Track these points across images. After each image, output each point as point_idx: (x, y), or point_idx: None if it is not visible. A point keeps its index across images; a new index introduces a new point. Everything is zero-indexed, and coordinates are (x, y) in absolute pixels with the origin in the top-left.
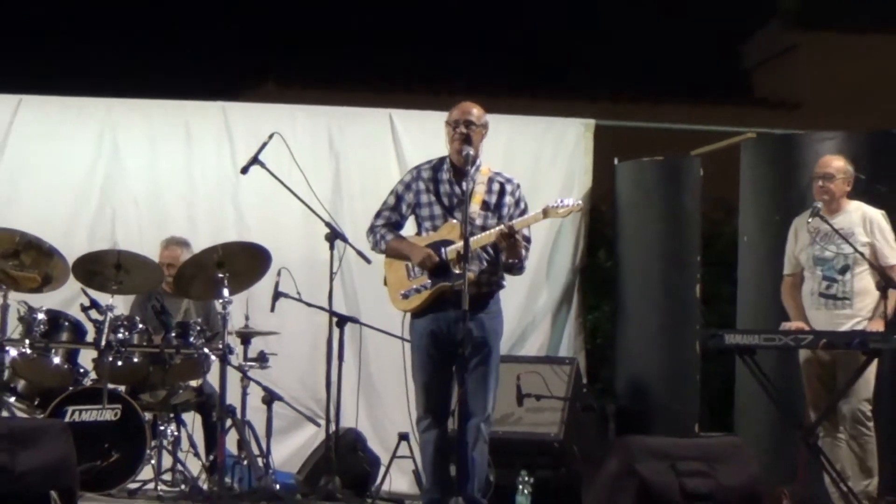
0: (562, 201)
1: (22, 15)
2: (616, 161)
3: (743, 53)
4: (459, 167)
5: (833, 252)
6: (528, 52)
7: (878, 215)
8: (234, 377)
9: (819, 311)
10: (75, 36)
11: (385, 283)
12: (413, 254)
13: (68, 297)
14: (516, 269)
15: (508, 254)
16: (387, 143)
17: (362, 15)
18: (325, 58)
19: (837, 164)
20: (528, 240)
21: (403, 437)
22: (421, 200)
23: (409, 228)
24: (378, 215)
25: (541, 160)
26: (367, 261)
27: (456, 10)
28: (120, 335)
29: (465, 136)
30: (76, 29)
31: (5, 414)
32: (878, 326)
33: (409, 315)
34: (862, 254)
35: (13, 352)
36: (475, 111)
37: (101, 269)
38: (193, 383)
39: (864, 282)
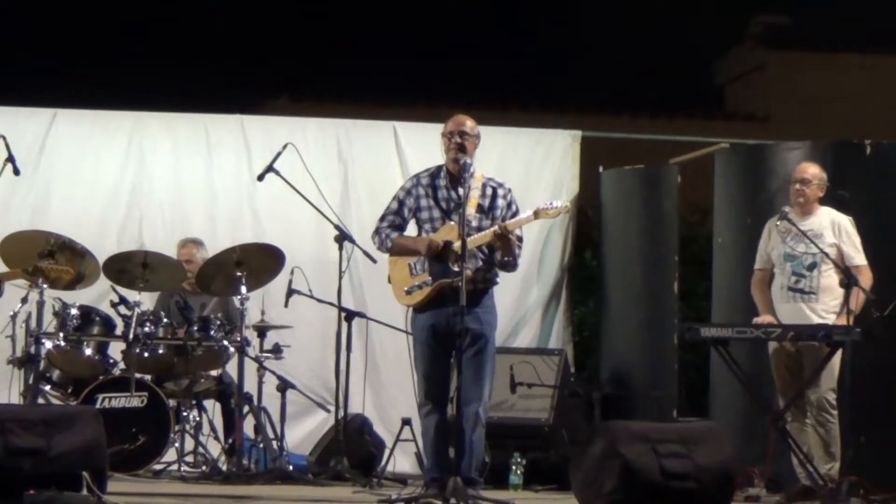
0: (551, 203)
1: (57, 37)
2: (601, 169)
3: (715, 71)
4: (455, 174)
5: (802, 250)
6: (520, 69)
7: (845, 220)
8: (251, 367)
9: (788, 304)
10: (106, 55)
11: (389, 281)
12: (418, 245)
13: (99, 293)
14: (511, 266)
15: (503, 252)
16: (391, 153)
17: (369, 35)
18: (334, 74)
19: (813, 170)
20: (520, 239)
21: (406, 421)
22: (421, 205)
23: (410, 232)
24: (382, 219)
25: (532, 168)
26: (373, 260)
27: (454, 33)
28: (146, 329)
29: (461, 146)
30: (106, 49)
31: (41, 401)
32: (842, 322)
33: (411, 310)
34: (827, 254)
35: (49, 344)
36: (468, 123)
37: (129, 268)
38: (214, 373)
39: (829, 279)
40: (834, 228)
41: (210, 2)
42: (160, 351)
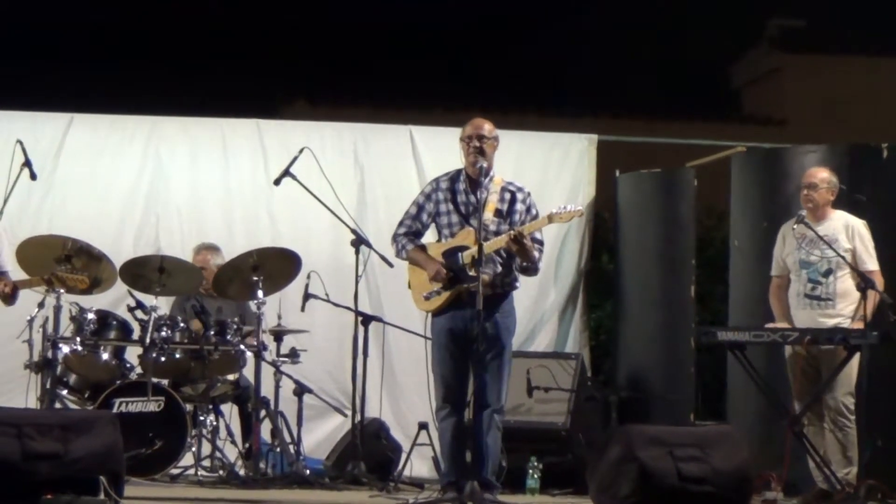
0: (564, 207)
1: (75, 42)
2: (617, 173)
3: (732, 75)
4: (474, 178)
5: (818, 256)
6: (537, 73)
7: (859, 224)
8: (267, 371)
9: (804, 311)
10: (122, 59)
11: (409, 287)
12: (427, 267)
13: (116, 298)
14: (531, 270)
15: (521, 257)
16: (407, 157)
17: (385, 40)
18: (351, 79)
19: (822, 174)
20: (540, 242)
21: (423, 426)
22: (440, 210)
23: (430, 235)
24: (401, 224)
25: (548, 172)
26: (390, 264)
27: (470, 36)
28: (163, 333)
29: (479, 150)
30: (123, 53)
31: (58, 405)
32: (859, 325)
33: (430, 314)
34: (844, 258)
35: (66, 348)
36: (486, 126)
37: (145, 272)
38: (231, 377)
39: (845, 284)
40: (848, 232)
41: (227, 6)
42: (177, 355)
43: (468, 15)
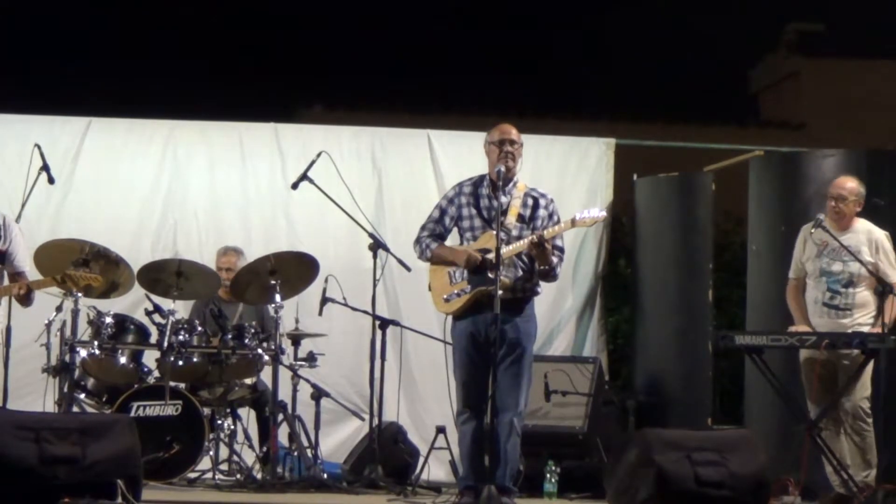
0: (588, 212)
1: (92, 46)
2: (635, 177)
3: (750, 79)
4: (498, 183)
5: (840, 267)
6: (554, 77)
7: (882, 237)
8: (285, 375)
9: (822, 319)
10: (140, 64)
11: (430, 289)
12: (456, 257)
13: (134, 302)
14: (549, 276)
15: (539, 260)
16: (425, 161)
17: (403, 44)
18: (368, 83)
19: (851, 185)
20: (560, 249)
21: (440, 429)
22: (462, 213)
23: (452, 240)
24: (423, 228)
25: (566, 176)
26: (408, 269)
27: (488, 40)
28: (181, 337)
29: (511, 155)
30: (141, 58)
31: (76, 409)
32: (877, 331)
33: (450, 318)
34: (867, 267)
35: (83, 352)
36: (514, 132)
37: (163, 276)
38: (248, 381)
39: (864, 296)
40: (871, 246)
41: (244, 11)
42: (194, 359)
43: (485, 20)
